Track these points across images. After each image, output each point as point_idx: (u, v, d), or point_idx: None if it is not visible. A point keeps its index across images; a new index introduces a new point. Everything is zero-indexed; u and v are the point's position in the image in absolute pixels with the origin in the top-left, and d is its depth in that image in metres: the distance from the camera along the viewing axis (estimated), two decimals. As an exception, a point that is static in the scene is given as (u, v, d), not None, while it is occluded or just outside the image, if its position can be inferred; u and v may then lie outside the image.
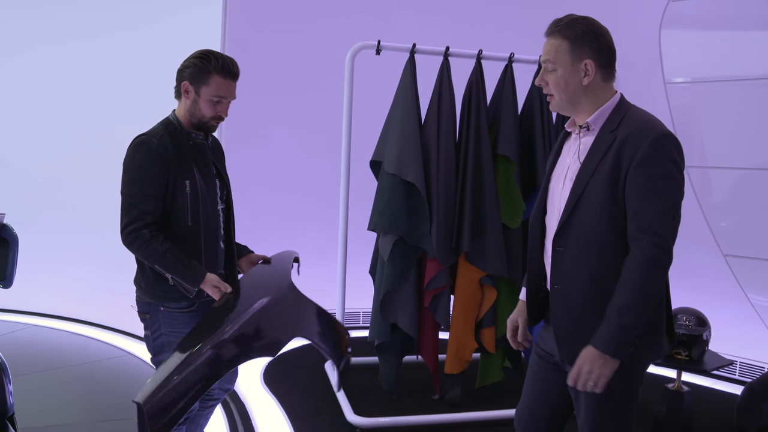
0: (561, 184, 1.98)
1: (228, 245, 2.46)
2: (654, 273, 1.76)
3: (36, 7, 5.23)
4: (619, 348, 1.77)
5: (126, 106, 4.86)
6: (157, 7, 4.79)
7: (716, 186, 4.82)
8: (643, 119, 1.86)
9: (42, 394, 3.87)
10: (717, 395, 4.33)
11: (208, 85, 2.26)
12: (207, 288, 2.20)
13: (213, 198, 2.35)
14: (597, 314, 1.86)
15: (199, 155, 2.33)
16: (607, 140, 1.86)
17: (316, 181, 5.03)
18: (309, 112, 4.90)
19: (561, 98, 1.95)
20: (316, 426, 3.57)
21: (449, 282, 3.74)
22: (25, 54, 5.27)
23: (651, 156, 1.77)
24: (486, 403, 3.84)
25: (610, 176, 1.82)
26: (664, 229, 1.76)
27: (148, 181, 2.19)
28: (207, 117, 2.30)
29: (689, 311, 3.67)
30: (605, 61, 1.91)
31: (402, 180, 3.58)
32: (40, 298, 5.42)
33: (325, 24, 4.94)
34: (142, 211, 2.19)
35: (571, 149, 2.00)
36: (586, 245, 1.88)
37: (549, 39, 1.95)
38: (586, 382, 1.80)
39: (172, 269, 2.19)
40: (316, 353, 4.74)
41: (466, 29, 4.97)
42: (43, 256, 5.33)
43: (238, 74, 2.32)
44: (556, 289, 1.96)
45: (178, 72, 2.31)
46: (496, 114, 3.82)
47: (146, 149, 2.21)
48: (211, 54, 2.27)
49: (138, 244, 2.18)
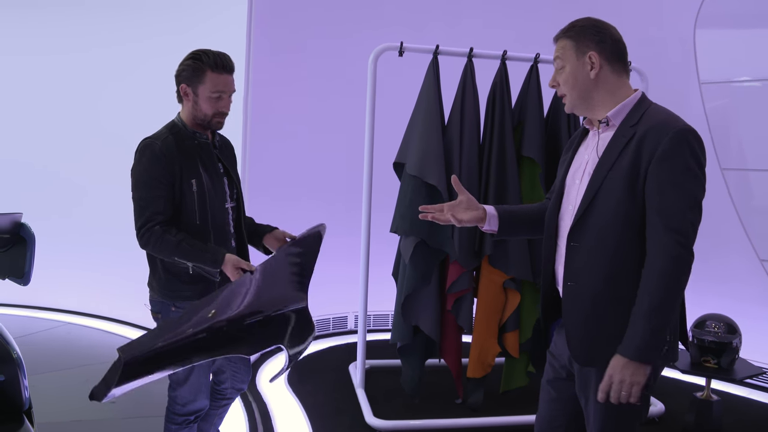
0: (578, 179, 1.96)
1: (239, 243, 2.49)
2: (677, 272, 1.72)
3: (65, 14, 5.37)
4: (650, 353, 1.74)
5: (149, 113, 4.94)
6: (184, 15, 4.86)
7: (756, 189, 4.67)
8: (665, 115, 1.83)
9: (73, 389, 3.95)
10: (750, 404, 4.19)
11: (204, 84, 2.28)
12: (228, 269, 2.21)
13: (221, 196, 2.38)
14: (610, 312, 1.83)
15: (204, 154, 2.36)
16: (627, 135, 1.83)
17: (339, 183, 5.04)
18: (332, 113, 4.92)
19: (572, 96, 1.94)
20: (334, 427, 3.57)
21: (472, 285, 3.71)
22: (53, 59, 5.39)
23: (673, 151, 1.74)
24: (509, 408, 3.79)
25: (629, 172, 1.79)
26: (685, 227, 1.73)
27: (155, 182, 2.24)
28: (209, 115, 2.33)
29: (719, 318, 3.56)
30: (611, 53, 1.90)
31: (424, 182, 3.57)
32: (72, 296, 5.55)
33: (348, 26, 4.95)
34: (153, 212, 2.23)
35: (589, 145, 1.98)
36: (601, 241, 1.85)
37: (556, 44, 1.98)
38: (619, 392, 1.77)
39: (190, 256, 2.22)
40: (345, 354, 4.76)
41: (492, 30, 4.93)
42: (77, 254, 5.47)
43: (232, 67, 2.35)
44: (569, 286, 1.93)
45: (175, 76, 2.35)
46: (521, 115, 3.77)
47: (150, 152, 2.26)
48: (202, 52, 2.30)
49: (153, 241, 2.23)
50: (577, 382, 1.97)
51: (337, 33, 4.94)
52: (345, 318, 5.47)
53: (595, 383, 1.89)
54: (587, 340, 1.89)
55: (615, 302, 1.83)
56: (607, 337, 1.84)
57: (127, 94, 5.10)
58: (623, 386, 1.76)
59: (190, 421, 2.49)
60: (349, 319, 5.49)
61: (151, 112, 4.88)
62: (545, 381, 2.15)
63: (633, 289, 1.79)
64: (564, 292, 1.95)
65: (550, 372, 2.12)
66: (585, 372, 1.93)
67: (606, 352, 1.82)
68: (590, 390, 1.92)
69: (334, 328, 5.40)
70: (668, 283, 1.71)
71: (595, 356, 1.88)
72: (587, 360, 1.91)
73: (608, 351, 1.81)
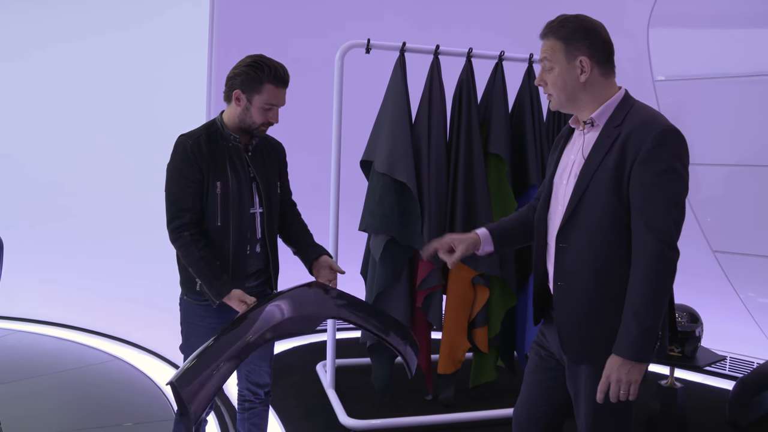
0: (565, 180, 1.97)
1: (267, 249, 2.45)
2: (662, 271, 1.75)
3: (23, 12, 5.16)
4: (643, 352, 1.76)
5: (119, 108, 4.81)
6: (144, 6, 4.73)
7: (704, 183, 4.83)
8: (648, 114, 1.84)
9: (29, 401, 3.80)
10: (709, 391, 4.35)
11: (260, 94, 2.29)
12: (232, 303, 2.25)
13: (247, 201, 2.36)
14: (602, 311, 1.85)
15: (236, 157, 2.35)
16: (611, 135, 1.85)
17: (306, 181, 4.97)
18: (298, 111, 4.83)
19: (560, 97, 1.94)
20: (309, 429, 3.53)
21: (441, 282, 3.72)
22: (17, 59, 5.20)
23: (655, 152, 1.75)
24: (479, 402, 3.83)
25: (614, 172, 1.81)
26: (668, 226, 1.75)
27: (184, 180, 2.27)
28: (257, 123, 2.33)
29: (681, 308, 3.67)
30: (601, 57, 1.89)
31: (393, 179, 3.56)
32: (24, 303, 5.34)
33: (314, 23, 4.90)
34: (180, 209, 2.27)
35: (575, 146, 1.99)
36: (590, 241, 1.86)
37: (544, 41, 1.94)
38: (618, 392, 1.79)
39: (201, 276, 2.27)
40: (308, 355, 4.71)
41: (457, 28, 4.95)
42: (30, 261, 5.26)
43: (288, 81, 2.36)
44: (559, 286, 1.94)
45: (229, 78, 2.33)
46: (486, 112, 3.81)
47: (182, 149, 2.28)
48: (263, 62, 2.29)
49: (179, 244, 2.28)
50: (567, 374, 2.00)
51: (303, 28, 4.88)
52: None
53: (585, 378, 1.91)
54: (579, 339, 1.91)
55: (606, 301, 1.85)
56: (599, 336, 1.86)
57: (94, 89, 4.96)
58: (621, 385, 1.79)
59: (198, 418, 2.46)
60: (312, 319, 5.42)
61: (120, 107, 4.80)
62: (529, 370, 2.16)
63: (623, 288, 1.81)
64: (555, 292, 1.97)
65: (536, 360, 2.13)
66: (575, 366, 1.95)
67: (598, 350, 1.85)
68: (580, 383, 1.94)
69: (297, 328, 5.33)
70: (655, 282, 1.74)
71: (586, 354, 1.90)
72: (579, 357, 1.93)
73: (600, 348, 1.84)
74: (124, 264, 4.79)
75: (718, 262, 4.68)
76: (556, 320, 1.97)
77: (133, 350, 4.76)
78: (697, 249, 4.76)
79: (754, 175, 4.50)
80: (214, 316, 2.37)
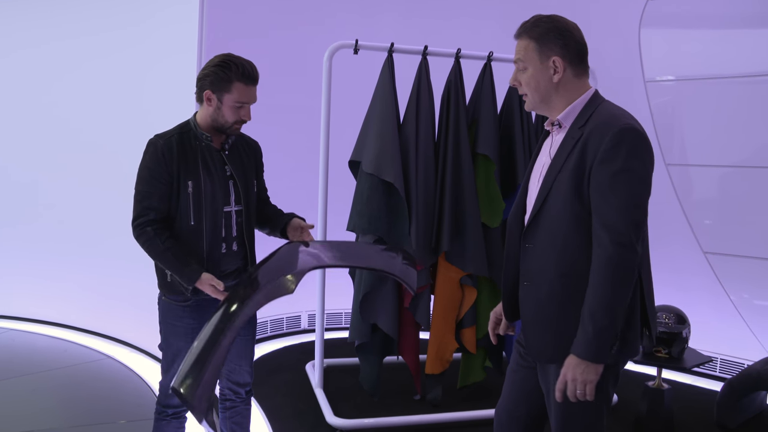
0: (537, 182, 1.97)
1: (244, 246, 2.47)
2: (618, 272, 1.73)
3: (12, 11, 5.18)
4: (598, 352, 1.76)
5: (106, 108, 4.81)
6: (134, 8, 4.74)
7: (697, 184, 4.83)
8: (609, 114, 1.83)
9: (19, 399, 3.81)
10: (697, 392, 4.35)
11: (230, 93, 2.30)
12: (204, 287, 2.25)
13: (221, 199, 2.37)
14: (566, 311, 1.85)
15: (209, 157, 2.36)
16: (575, 136, 1.85)
17: (294, 182, 4.99)
18: (287, 112, 4.87)
19: (534, 97, 1.95)
20: (296, 428, 3.54)
21: (429, 282, 3.73)
22: (3, 58, 5.21)
23: (612, 152, 1.75)
24: (467, 402, 3.83)
25: (575, 173, 1.81)
26: (624, 226, 1.73)
27: (153, 179, 2.29)
28: (230, 122, 2.35)
29: (669, 309, 3.68)
30: (574, 57, 1.89)
31: (381, 180, 3.57)
32: (16, 302, 5.36)
33: (303, 23, 4.90)
34: (146, 207, 2.29)
35: (546, 147, 2.00)
36: (553, 242, 1.87)
37: (518, 41, 1.95)
38: (574, 391, 1.79)
39: (170, 267, 2.28)
40: (298, 355, 4.72)
41: (445, 29, 4.96)
42: (19, 258, 5.29)
43: (257, 78, 2.36)
44: (525, 285, 1.96)
45: (199, 80, 2.35)
46: (475, 113, 3.81)
47: (153, 149, 2.30)
48: (231, 61, 2.30)
49: (143, 240, 2.29)
50: (539, 373, 2.00)
51: (291, 29, 4.88)
52: (299, 317, 5.43)
53: (553, 378, 1.91)
54: (544, 339, 1.92)
55: (569, 301, 1.85)
56: (564, 336, 1.86)
57: (79, 89, 4.97)
58: (576, 384, 1.78)
59: (167, 414, 2.48)
60: (302, 318, 5.45)
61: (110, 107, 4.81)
62: (511, 369, 2.17)
63: (586, 288, 1.81)
64: (521, 292, 1.99)
65: (517, 359, 2.14)
66: (545, 366, 1.96)
67: (563, 350, 1.84)
68: (550, 383, 1.95)
69: (288, 327, 5.35)
70: (611, 283, 1.73)
71: (553, 354, 1.90)
72: (546, 357, 1.94)
73: (565, 349, 1.84)
74: (114, 263, 4.79)
75: (708, 264, 4.68)
76: (522, 320, 1.99)
77: (125, 349, 4.78)
78: (688, 250, 4.76)
79: (744, 177, 4.50)
80: (192, 317, 2.39)
